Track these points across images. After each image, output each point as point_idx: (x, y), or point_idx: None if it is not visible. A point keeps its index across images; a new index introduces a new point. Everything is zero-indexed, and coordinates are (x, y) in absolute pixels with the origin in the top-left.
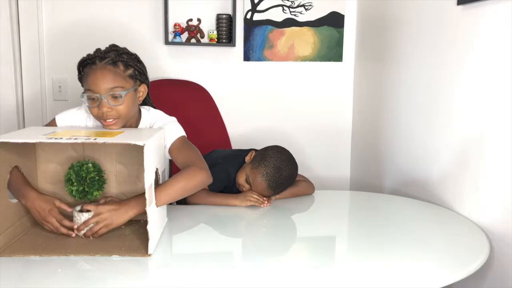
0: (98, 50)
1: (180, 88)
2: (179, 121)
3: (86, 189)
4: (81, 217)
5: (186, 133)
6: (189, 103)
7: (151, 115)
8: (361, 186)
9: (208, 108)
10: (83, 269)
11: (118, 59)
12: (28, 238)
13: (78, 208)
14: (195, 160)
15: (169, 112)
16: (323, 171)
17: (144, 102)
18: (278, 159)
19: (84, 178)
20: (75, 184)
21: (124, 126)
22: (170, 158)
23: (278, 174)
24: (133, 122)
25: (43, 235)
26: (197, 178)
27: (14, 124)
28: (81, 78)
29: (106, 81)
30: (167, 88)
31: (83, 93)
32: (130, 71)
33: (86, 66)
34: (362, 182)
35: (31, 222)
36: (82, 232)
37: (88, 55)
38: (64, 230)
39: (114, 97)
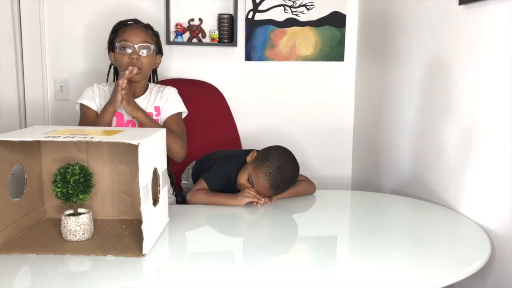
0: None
1: (191, 87)
2: (192, 119)
3: (70, 191)
4: (68, 222)
5: (197, 132)
6: (201, 102)
7: (155, 85)
8: (363, 186)
9: (220, 107)
10: (76, 268)
11: (149, 27)
12: (28, 236)
13: (67, 212)
14: (183, 136)
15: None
16: (325, 170)
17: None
18: (281, 159)
19: (68, 181)
20: (59, 185)
21: (134, 88)
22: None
23: (281, 174)
24: (142, 88)
25: (44, 234)
26: (178, 150)
27: (16, 124)
28: (113, 39)
29: (140, 35)
30: (179, 87)
31: (118, 42)
32: (155, 38)
33: (120, 28)
34: (364, 182)
35: (33, 220)
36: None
37: (124, 20)
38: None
39: (144, 48)
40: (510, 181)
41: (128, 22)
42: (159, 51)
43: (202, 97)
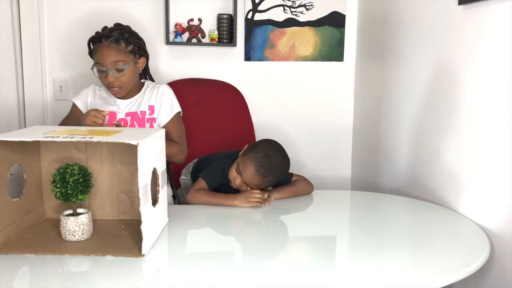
0: (105, 28)
1: (210, 87)
2: (208, 117)
3: (69, 192)
4: (67, 222)
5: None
6: (219, 100)
7: (151, 83)
8: (362, 186)
9: (239, 105)
10: (75, 269)
11: (121, 38)
12: (28, 236)
13: (66, 212)
14: (181, 140)
15: (201, 110)
16: (324, 170)
17: (144, 74)
18: (268, 147)
19: (67, 181)
20: (58, 185)
21: (127, 93)
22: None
23: (267, 160)
24: (135, 89)
25: (44, 234)
26: (177, 155)
27: (15, 124)
28: (91, 52)
29: (111, 56)
30: (192, 87)
31: (93, 66)
32: (130, 47)
33: (95, 43)
34: (363, 182)
35: (33, 221)
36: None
37: (97, 33)
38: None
39: (118, 70)
40: (509, 181)
41: (98, 38)
42: (141, 54)
43: (221, 96)
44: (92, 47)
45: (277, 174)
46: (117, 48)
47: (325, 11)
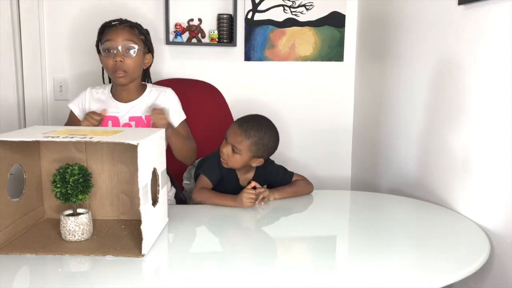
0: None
1: (190, 87)
2: (191, 119)
3: (69, 191)
4: (67, 222)
5: (196, 131)
6: (200, 101)
7: (153, 86)
8: (362, 186)
9: (219, 107)
10: (75, 269)
11: (134, 25)
12: (28, 236)
13: (66, 212)
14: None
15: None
16: (324, 170)
17: (143, 78)
18: (255, 114)
19: (67, 181)
20: (58, 185)
21: (128, 95)
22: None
23: (251, 117)
24: (136, 90)
25: (44, 234)
26: (194, 154)
27: (15, 124)
28: (99, 41)
29: (124, 34)
30: (178, 87)
31: (102, 44)
32: (142, 37)
33: (107, 28)
34: (363, 182)
35: (33, 221)
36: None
37: (110, 20)
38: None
39: (128, 48)
40: (509, 181)
41: (113, 23)
42: (148, 50)
43: (201, 96)
44: (102, 34)
45: (260, 132)
46: (130, 31)
47: (325, 11)
